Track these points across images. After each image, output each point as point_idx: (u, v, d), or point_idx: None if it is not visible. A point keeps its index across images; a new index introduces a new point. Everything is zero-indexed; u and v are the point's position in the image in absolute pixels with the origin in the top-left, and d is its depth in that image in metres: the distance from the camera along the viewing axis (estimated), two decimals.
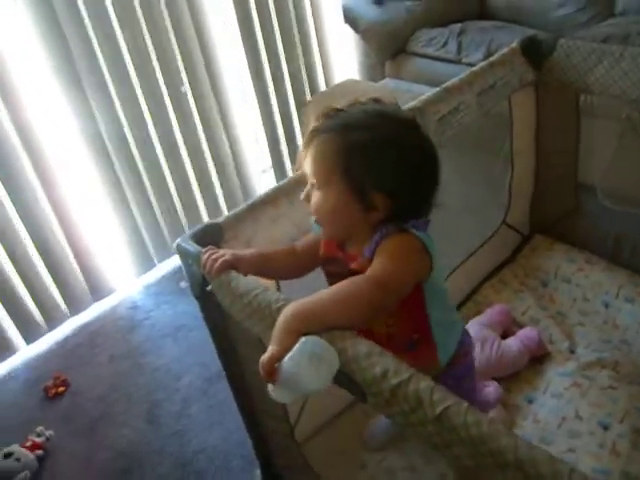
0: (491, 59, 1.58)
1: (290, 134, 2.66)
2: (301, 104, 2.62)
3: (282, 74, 2.54)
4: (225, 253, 1.03)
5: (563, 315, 1.70)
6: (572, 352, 1.59)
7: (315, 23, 2.56)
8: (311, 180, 1.00)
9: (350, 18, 2.57)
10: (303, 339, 0.80)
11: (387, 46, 2.56)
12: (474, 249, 1.84)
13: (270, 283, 1.28)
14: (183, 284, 2.36)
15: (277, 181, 2.68)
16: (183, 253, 1.11)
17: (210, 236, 1.15)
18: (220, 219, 1.18)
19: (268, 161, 2.70)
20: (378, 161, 0.94)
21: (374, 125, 0.96)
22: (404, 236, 0.95)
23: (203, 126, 2.38)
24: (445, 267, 1.71)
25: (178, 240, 1.12)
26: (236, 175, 2.55)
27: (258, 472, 1.51)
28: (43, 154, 2.05)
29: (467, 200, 1.88)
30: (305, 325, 0.82)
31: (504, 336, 1.63)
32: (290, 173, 2.73)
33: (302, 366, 0.79)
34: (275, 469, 1.50)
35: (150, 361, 2.10)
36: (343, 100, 2.52)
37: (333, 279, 1.06)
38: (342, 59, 2.71)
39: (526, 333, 1.60)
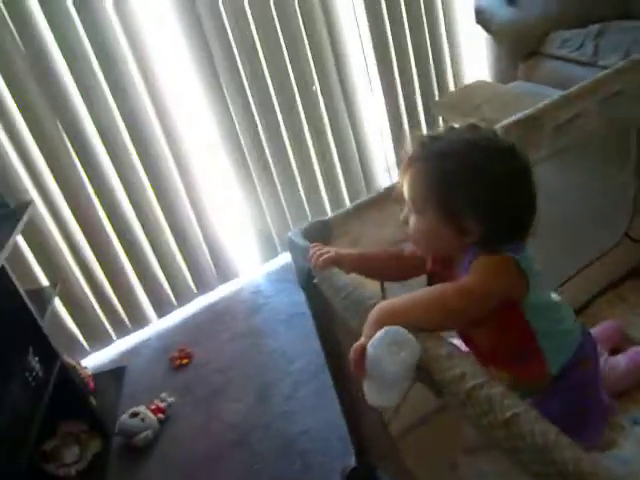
0: (618, 65, 1.53)
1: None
2: (429, 104, 2.64)
3: (411, 73, 2.58)
4: (330, 250, 1.11)
5: None
6: None
7: (446, 22, 2.58)
8: (408, 205, 1.06)
9: (482, 18, 2.55)
10: (386, 328, 0.87)
11: (520, 47, 2.51)
12: (591, 260, 1.78)
13: (375, 284, 1.36)
14: None
15: None
16: (292, 246, 1.21)
17: (319, 232, 1.24)
18: (329, 217, 1.27)
19: (392, 159, 2.75)
20: (469, 189, 0.98)
21: (466, 153, 0.99)
22: (495, 255, 0.99)
23: (331, 123, 2.48)
24: (555, 278, 1.69)
25: (289, 234, 1.22)
26: (361, 172, 2.63)
27: (353, 459, 1.59)
28: (182, 146, 2.25)
29: (587, 209, 1.81)
30: (390, 319, 0.88)
31: (613, 353, 1.58)
32: None
33: (382, 349, 0.85)
34: (370, 458, 1.57)
35: (267, 343, 2.24)
36: (470, 102, 2.52)
37: None
38: (473, 60, 2.69)
39: (637, 350, 1.54)
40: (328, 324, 1.28)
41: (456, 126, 1.07)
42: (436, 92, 2.68)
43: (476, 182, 0.97)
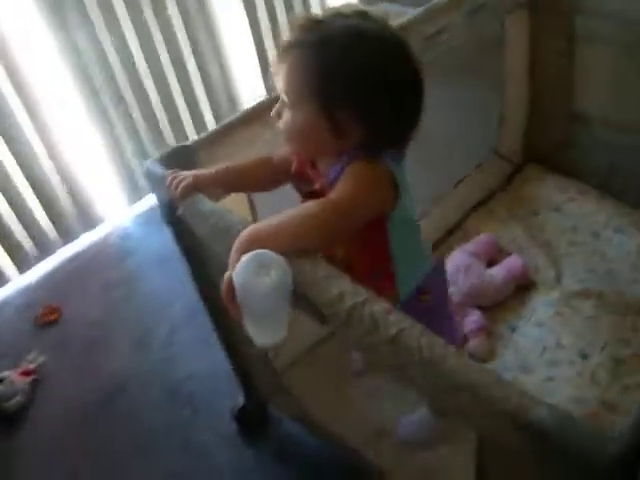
0: None
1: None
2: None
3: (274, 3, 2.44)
4: (188, 175, 1.00)
5: (551, 245, 1.68)
6: (558, 281, 1.58)
7: None
8: (282, 97, 0.95)
9: None
10: (250, 253, 0.78)
11: None
12: (462, 177, 1.80)
13: (242, 199, 1.27)
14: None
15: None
16: (151, 177, 1.09)
17: (181, 159, 1.12)
18: (192, 141, 1.15)
19: (260, 85, 2.61)
20: (354, 86, 0.87)
21: (353, 45, 0.87)
22: (371, 164, 0.91)
23: (193, 50, 2.30)
24: (428, 195, 1.68)
25: (146, 163, 1.10)
26: (226, 99, 2.49)
27: (241, 399, 1.54)
28: (30, 88, 2.00)
29: (455, 127, 1.82)
30: (256, 245, 0.80)
31: (490, 265, 1.61)
32: None
33: (247, 274, 0.77)
34: (259, 395, 1.52)
35: (140, 289, 2.11)
36: None
37: (304, 199, 1.04)
38: None
39: (511, 261, 1.59)
40: (199, 260, 1.19)
41: (344, 11, 0.94)
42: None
43: (362, 77, 0.87)
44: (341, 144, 0.92)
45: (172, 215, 1.08)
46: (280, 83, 0.93)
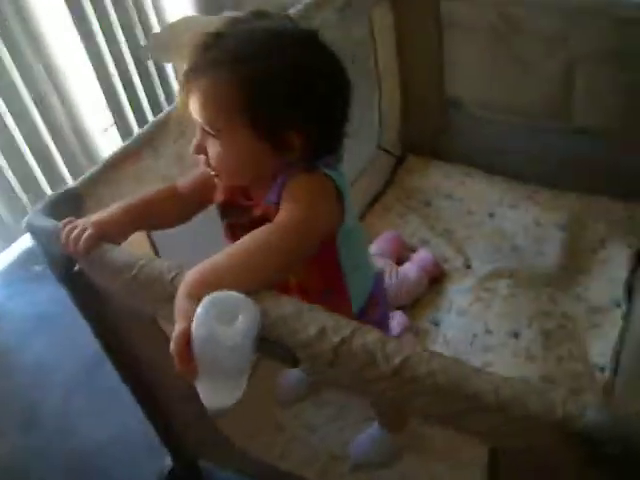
0: None
1: (129, 85, 2.39)
2: (137, 52, 2.34)
3: (112, 24, 2.24)
4: (86, 224, 0.84)
5: (451, 232, 1.67)
6: (468, 267, 1.57)
7: None
8: (203, 129, 0.81)
9: None
10: (207, 296, 0.65)
11: None
12: (354, 178, 1.75)
13: (141, 239, 1.12)
14: (37, 268, 2.08)
15: (122, 139, 2.41)
16: (37, 232, 0.90)
17: (67, 207, 0.95)
18: (76, 184, 0.98)
19: (109, 119, 2.40)
20: (285, 93, 0.77)
21: (271, 49, 0.78)
22: (312, 175, 0.82)
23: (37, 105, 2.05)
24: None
25: (28, 216, 0.90)
26: (75, 138, 2.25)
27: (168, 459, 1.36)
28: None
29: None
30: (213, 289, 0.66)
31: (398, 262, 1.57)
32: (135, 128, 2.46)
33: (211, 323, 0.64)
34: (188, 450, 1.36)
35: (18, 360, 1.83)
36: (183, 36, 2.26)
37: (235, 232, 0.91)
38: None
39: (421, 256, 1.55)
40: (106, 318, 1.02)
41: (235, 15, 0.83)
42: (141, 37, 2.38)
43: (291, 81, 0.77)
44: (281, 161, 0.82)
45: (68, 272, 0.91)
46: (198, 114, 0.80)
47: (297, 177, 0.80)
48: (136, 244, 1.07)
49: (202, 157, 0.84)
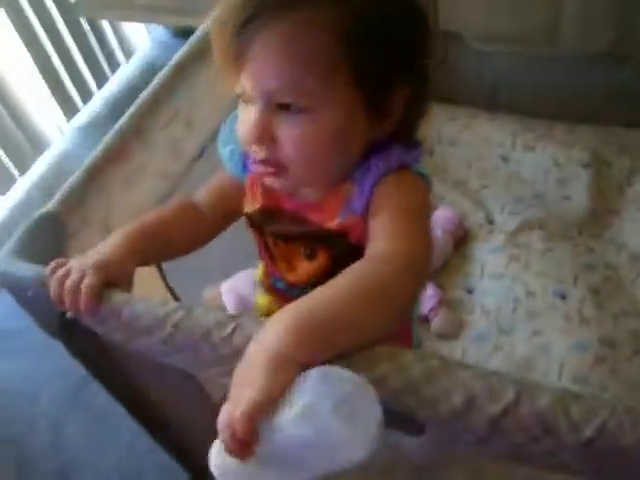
0: None
1: (68, 60, 2.08)
2: (66, 9, 2.03)
3: None
4: (83, 267, 0.62)
5: (463, 182, 1.50)
6: (491, 222, 1.41)
7: None
8: (279, 100, 0.60)
9: None
10: (314, 373, 0.46)
11: None
12: None
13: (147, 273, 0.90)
14: None
15: (63, 111, 2.12)
16: (12, 282, 0.67)
17: (46, 238, 0.72)
18: (53, 205, 0.74)
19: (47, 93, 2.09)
20: (394, 38, 0.60)
21: None
22: (410, 177, 0.64)
23: None
24: None
25: None
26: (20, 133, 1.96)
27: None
28: None
29: None
30: (315, 348, 0.48)
31: None
32: (77, 100, 2.16)
33: (330, 425, 0.45)
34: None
35: None
36: None
37: (278, 244, 0.72)
38: None
39: (442, 215, 1.38)
40: (118, 367, 0.81)
41: None
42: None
43: (402, 23, 0.60)
44: (379, 131, 0.64)
45: (65, 328, 0.70)
46: (268, 79, 0.59)
47: (393, 178, 0.62)
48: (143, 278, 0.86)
49: (257, 148, 0.62)
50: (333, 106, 0.59)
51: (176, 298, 1.00)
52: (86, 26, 2.12)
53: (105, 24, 2.20)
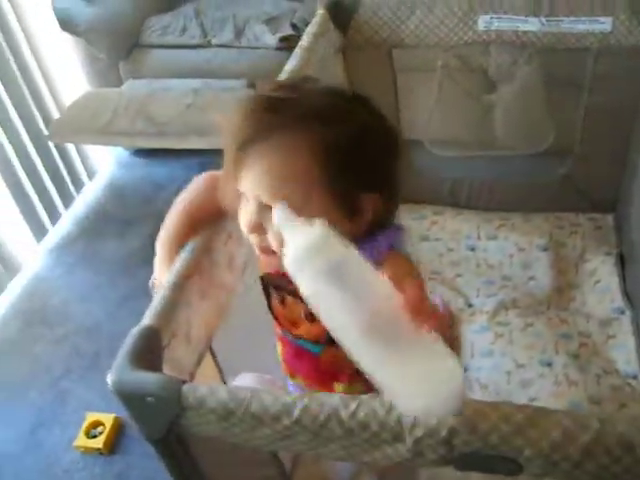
0: (310, 31, 1.41)
1: (37, 181, 2.16)
2: (39, 141, 2.13)
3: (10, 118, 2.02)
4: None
5: (438, 273, 1.67)
6: (470, 306, 1.58)
7: (29, 41, 2.06)
8: (269, 201, 0.75)
9: (66, 22, 2.11)
10: None
11: (118, 44, 2.17)
12: None
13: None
14: None
15: (33, 235, 2.16)
16: (132, 392, 0.75)
17: (150, 351, 0.81)
18: (150, 320, 0.83)
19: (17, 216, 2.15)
20: (363, 155, 0.76)
21: (345, 112, 0.77)
22: (401, 256, 0.81)
23: None
24: None
25: (114, 376, 0.75)
26: None
27: None
28: None
29: None
30: None
31: None
32: (48, 226, 2.23)
33: None
34: None
35: None
36: (95, 119, 2.10)
37: (285, 302, 0.90)
38: (65, 73, 2.24)
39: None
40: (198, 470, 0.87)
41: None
42: (42, 126, 2.17)
43: (370, 142, 0.77)
44: (356, 225, 0.80)
45: (168, 428, 0.77)
46: (259, 186, 0.76)
47: (390, 262, 0.77)
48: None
49: (256, 237, 0.80)
50: (310, 209, 0.72)
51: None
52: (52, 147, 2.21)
53: (71, 146, 2.30)
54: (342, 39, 1.53)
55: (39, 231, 2.20)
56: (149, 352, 0.80)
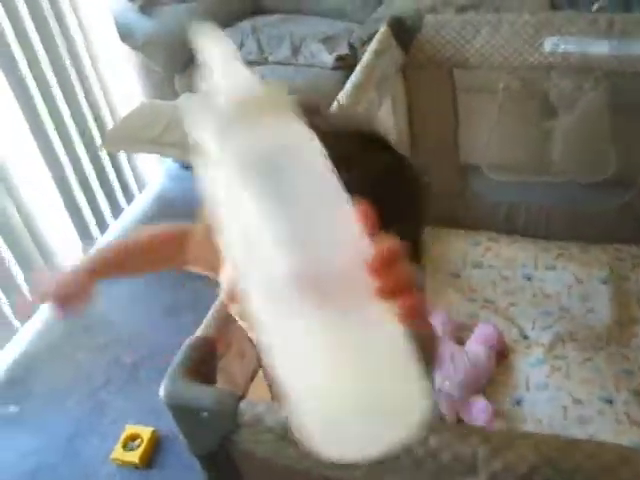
0: (371, 48, 1.39)
1: (88, 190, 2.18)
2: (93, 151, 2.16)
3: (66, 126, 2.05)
4: None
5: (492, 302, 1.61)
6: (525, 337, 1.51)
7: (88, 48, 2.09)
8: None
9: (125, 35, 2.15)
10: None
11: (174, 58, 2.20)
12: None
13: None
14: (13, 408, 1.78)
15: (81, 242, 2.18)
16: (185, 405, 0.72)
17: (205, 361, 0.78)
18: (205, 331, 0.80)
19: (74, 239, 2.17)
20: (391, 206, 0.67)
21: (369, 152, 0.68)
22: None
23: None
24: None
25: (167, 387, 0.72)
26: (38, 254, 2.00)
27: None
28: None
29: None
30: None
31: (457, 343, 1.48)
32: (96, 234, 2.24)
33: None
34: None
35: None
36: (149, 129, 2.11)
37: None
38: (121, 85, 2.27)
39: (482, 331, 1.47)
40: None
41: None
42: (95, 131, 2.20)
43: (393, 189, 0.68)
44: None
45: (219, 444, 0.74)
46: None
47: None
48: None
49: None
50: None
51: None
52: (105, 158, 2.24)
53: (122, 158, 2.32)
54: (404, 57, 1.51)
55: (87, 239, 2.21)
56: (204, 364, 0.77)
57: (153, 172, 2.52)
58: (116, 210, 2.32)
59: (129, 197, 2.39)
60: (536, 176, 1.66)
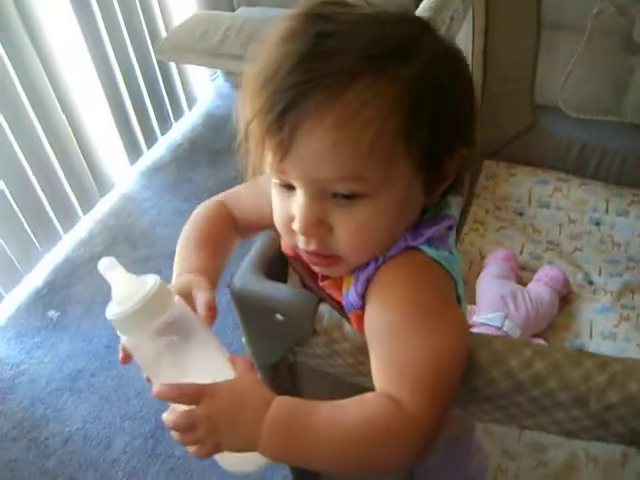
0: None
1: (138, 103, 2.11)
2: (146, 62, 2.07)
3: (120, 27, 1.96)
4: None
5: (556, 244, 1.52)
6: (590, 283, 1.42)
7: None
8: (333, 189, 0.54)
9: None
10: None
11: None
12: None
13: None
14: (52, 313, 1.77)
15: (128, 156, 2.12)
16: (262, 306, 0.65)
17: (279, 260, 0.71)
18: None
19: (122, 153, 2.11)
20: (452, 103, 0.57)
21: (415, 44, 0.55)
22: (424, 267, 0.58)
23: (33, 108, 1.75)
24: None
25: (237, 284, 0.66)
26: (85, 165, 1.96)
27: None
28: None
29: None
30: (284, 459, 0.60)
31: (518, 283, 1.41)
32: (144, 148, 2.19)
33: None
34: None
35: (53, 433, 1.51)
36: (203, 38, 2.00)
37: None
38: None
39: (547, 273, 1.39)
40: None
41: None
42: (149, 42, 2.11)
43: (452, 85, 0.57)
44: (430, 200, 0.61)
45: (290, 348, 0.68)
46: (318, 161, 0.52)
47: (390, 270, 0.57)
48: None
49: (307, 239, 0.58)
50: (393, 186, 0.54)
51: None
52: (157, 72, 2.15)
53: (174, 73, 2.24)
54: None
55: (134, 153, 2.16)
56: (277, 264, 0.70)
57: (203, 90, 2.44)
58: (165, 125, 2.26)
59: (178, 113, 2.31)
60: (614, 116, 1.54)
